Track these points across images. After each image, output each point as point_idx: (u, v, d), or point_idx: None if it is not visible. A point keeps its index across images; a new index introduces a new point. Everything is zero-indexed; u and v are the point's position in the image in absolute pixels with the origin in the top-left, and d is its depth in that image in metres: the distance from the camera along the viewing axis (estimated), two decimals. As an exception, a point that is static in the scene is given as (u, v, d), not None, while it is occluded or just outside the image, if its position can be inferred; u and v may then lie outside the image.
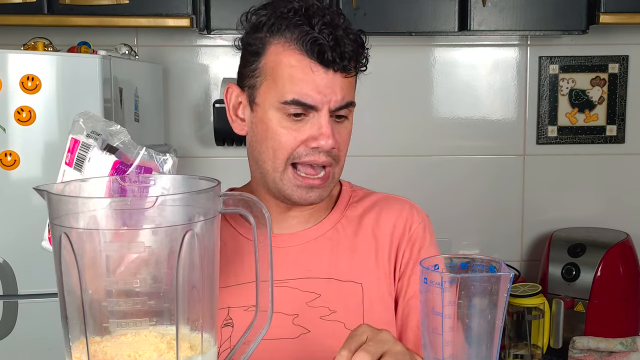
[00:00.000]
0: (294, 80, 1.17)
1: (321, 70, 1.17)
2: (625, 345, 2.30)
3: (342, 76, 1.18)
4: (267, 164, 1.22)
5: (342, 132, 1.22)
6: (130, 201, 0.76)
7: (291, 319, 1.23)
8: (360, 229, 1.29)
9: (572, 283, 2.43)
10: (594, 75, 2.70)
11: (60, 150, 1.96)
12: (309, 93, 1.17)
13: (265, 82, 1.20)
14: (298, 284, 1.24)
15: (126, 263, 0.95)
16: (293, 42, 1.17)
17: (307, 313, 1.23)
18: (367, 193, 1.36)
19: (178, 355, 0.76)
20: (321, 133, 1.18)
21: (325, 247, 1.27)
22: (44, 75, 1.93)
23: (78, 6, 2.25)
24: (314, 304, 1.24)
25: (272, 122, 1.19)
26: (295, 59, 1.17)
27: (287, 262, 1.26)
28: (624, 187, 2.74)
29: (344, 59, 1.17)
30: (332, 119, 1.20)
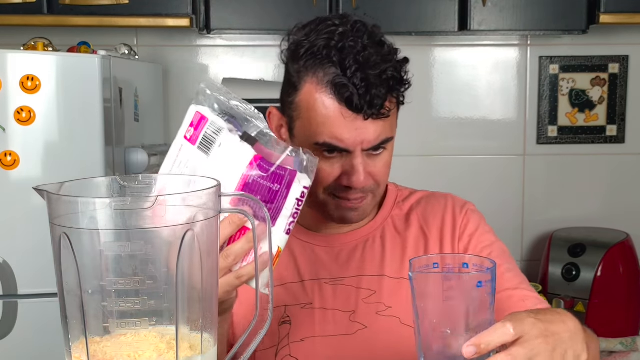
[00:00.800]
0: (325, 124, 1.16)
1: (352, 115, 1.15)
2: (625, 345, 2.30)
3: (375, 119, 1.16)
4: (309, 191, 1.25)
5: (378, 164, 1.22)
6: (130, 201, 0.76)
7: (348, 315, 1.25)
8: (409, 226, 1.32)
9: (572, 283, 2.43)
10: (594, 75, 2.70)
11: (60, 150, 1.98)
12: (340, 137, 1.16)
13: (300, 119, 1.20)
14: (353, 282, 1.27)
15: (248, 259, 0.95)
16: (325, 84, 1.15)
17: (363, 309, 1.25)
18: (412, 192, 1.38)
19: (178, 355, 0.76)
20: (353, 173, 1.18)
21: (376, 245, 1.30)
22: (44, 75, 1.93)
23: (78, 6, 2.25)
24: (369, 300, 1.26)
25: None
26: (327, 102, 1.15)
27: (340, 261, 1.29)
28: (624, 187, 2.75)
29: (374, 107, 1.14)
30: (367, 152, 1.19)
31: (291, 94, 1.21)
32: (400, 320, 1.24)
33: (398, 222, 1.33)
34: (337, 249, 1.30)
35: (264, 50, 2.66)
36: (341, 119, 1.15)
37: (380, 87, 1.14)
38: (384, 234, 1.31)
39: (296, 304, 1.26)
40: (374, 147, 1.19)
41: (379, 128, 1.17)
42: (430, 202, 1.35)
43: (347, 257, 1.29)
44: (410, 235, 1.31)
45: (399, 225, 1.32)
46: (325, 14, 2.31)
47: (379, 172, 1.22)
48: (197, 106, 0.96)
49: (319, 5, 2.30)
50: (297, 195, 0.93)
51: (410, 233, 1.31)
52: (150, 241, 0.75)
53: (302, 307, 1.26)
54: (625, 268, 2.44)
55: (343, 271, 1.28)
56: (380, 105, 1.15)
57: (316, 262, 1.29)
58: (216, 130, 0.94)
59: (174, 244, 0.75)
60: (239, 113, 0.95)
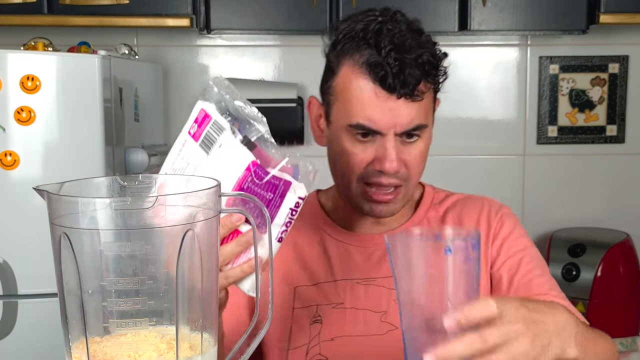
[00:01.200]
0: (359, 104, 1.17)
1: (385, 95, 1.16)
2: (625, 345, 2.30)
3: (409, 101, 1.17)
4: (343, 180, 1.25)
5: (412, 152, 1.21)
6: (130, 201, 0.76)
7: (379, 316, 1.26)
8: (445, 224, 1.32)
9: (572, 283, 2.43)
10: (594, 75, 2.70)
11: (60, 150, 1.98)
12: (373, 118, 1.17)
13: (337, 102, 1.22)
14: (384, 282, 1.27)
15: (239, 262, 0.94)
16: (360, 65, 1.17)
17: (394, 310, 1.24)
18: (448, 194, 1.37)
19: (178, 355, 0.76)
20: (385, 157, 1.18)
21: None
22: (44, 75, 1.93)
23: (78, 6, 2.25)
24: None
25: (342, 143, 1.21)
26: (362, 83, 1.17)
27: (373, 261, 1.29)
28: (624, 187, 2.75)
29: (407, 86, 1.15)
30: (401, 139, 1.19)
31: (329, 79, 1.23)
32: None
33: (434, 224, 1.32)
34: (371, 249, 1.30)
35: (264, 50, 2.66)
36: (375, 100, 1.16)
37: (415, 68, 1.15)
38: None
39: (328, 304, 1.26)
40: (407, 131, 1.18)
41: (413, 112, 1.17)
42: (466, 205, 1.34)
43: (380, 258, 1.29)
44: None
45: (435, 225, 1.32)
46: (325, 14, 2.31)
47: (412, 161, 1.21)
48: (203, 102, 0.96)
49: (319, 6, 2.30)
50: (291, 205, 0.93)
51: None
52: (150, 241, 0.75)
53: (334, 307, 1.26)
54: (625, 268, 2.44)
55: (375, 271, 1.28)
56: (414, 85, 1.15)
57: (349, 261, 1.29)
58: (218, 130, 0.94)
59: (174, 244, 0.75)
60: (242, 115, 0.94)
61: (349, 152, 1.20)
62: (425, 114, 1.21)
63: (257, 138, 0.94)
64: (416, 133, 1.20)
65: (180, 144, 0.99)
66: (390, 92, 1.15)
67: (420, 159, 1.24)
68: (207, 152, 0.94)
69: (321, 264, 1.29)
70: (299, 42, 2.60)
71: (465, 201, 1.35)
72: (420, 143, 1.22)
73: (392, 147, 1.18)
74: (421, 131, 1.21)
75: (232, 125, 0.93)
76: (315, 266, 1.28)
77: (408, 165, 1.21)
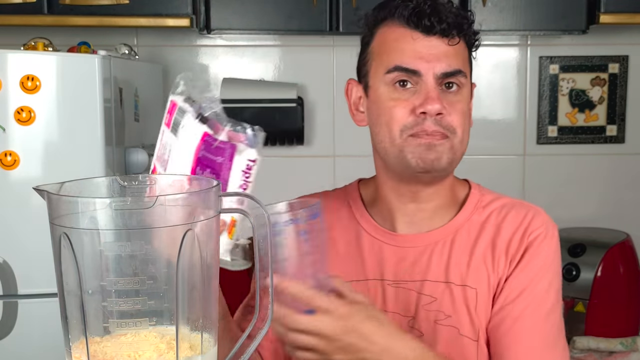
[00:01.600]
0: (396, 50, 1.19)
1: (421, 37, 1.18)
2: (625, 345, 2.30)
3: (445, 43, 1.18)
4: (385, 141, 1.22)
5: (454, 103, 1.20)
6: (130, 201, 0.76)
7: (407, 320, 1.23)
8: (482, 234, 1.26)
9: (572, 283, 2.43)
10: (594, 75, 2.70)
11: (60, 150, 1.97)
12: (410, 59, 1.18)
13: (374, 62, 1.22)
14: (415, 286, 1.24)
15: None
16: (395, 19, 1.20)
17: (423, 316, 1.23)
18: (496, 197, 1.32)
19: (178, 355, 0.76)
20: (427, 97, 1.17)
21: (445, 250, 1.25)
22: (44, 75, 1.93)
23: (78, 6, 2.25)
24: (430, 308, 1.23)
25: (383, 97, 1.20)
26: (398, 32, 1.19)
27: (406, 263, 1.25)
28: (624, 187, 2.75)
29: (443, 23, 1.17)
30: (441, 88, 1.19)
31: (364, 52, 1.25)
32: (459, 331, 1.21)
33: (473, 229, 1.27)
34: (405, 250, 1.26)
35: (264, 50, 2.66)
36: (411, 43, 1.18)
37: (448, 11, 1.18)
38: (455, 238, 1.26)
39: None
40: (447, 73, 1.18)
41: (451, 55, 1.19)
42: (510, 212, 1.28)
43: (414, 260, 1.25)
44: (481, 243, 1.25)
45: (473, 231, 1.27)
46: (325, 14, 2.31)
47: (455, 112, 1.20)
48: (172, 95, 1.09)
49: (319, 6, 2.30)
50: (243, 167, 0.99)
51: (482, 241, 1.26)
52: (150, 241, 0.75)
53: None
54: (625, 268, 2.44)
55: (407, 274, 1.25)
56: (450, 24, 1.18)
57: (382, 261, 1.26)
58: (182, 114, 1.04)
59: (174, 244, 0.75)
60: (200, 98, 1.06)
61: (390, 104, 1.19)
62: (462, 62, 1.21)
63: (211, 113, 1.03)
64: (455, 81, 1.20)
65: (160, 135, 1.09)
66: (427, 32, 1.18)
67: (463, 113, 1.22)
68: (176, 134, 1.04)
69: (354, 261, 1.26)
70: (299, 42, 2.60)
71: (511, 208, 1.29)
72: (460, 96, 1.21)
73: (433, 88, 1.18)
74: (460, 80, 1.20)
75: (193, 107, 1.04)
76: (348, 263, 1.26)
77: (452, 115, 1.20)
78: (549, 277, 1.25)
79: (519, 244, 1.24)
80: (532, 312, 1.21)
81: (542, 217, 1.28)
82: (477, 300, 1.22)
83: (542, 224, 1.27)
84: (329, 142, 2.70)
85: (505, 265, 1.24)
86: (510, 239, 1.25)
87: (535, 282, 1.23)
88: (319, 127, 2.69)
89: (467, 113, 1.23)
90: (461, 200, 1.31)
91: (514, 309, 1.21)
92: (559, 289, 1.27)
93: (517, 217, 1.27)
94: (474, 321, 1.22)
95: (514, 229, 1.25)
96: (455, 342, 1.21)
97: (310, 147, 2.68)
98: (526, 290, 1.22)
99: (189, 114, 1.03)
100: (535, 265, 1.24)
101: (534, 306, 1.22)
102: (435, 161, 1.20)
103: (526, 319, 1.21)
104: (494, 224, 1.27)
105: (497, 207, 1.29)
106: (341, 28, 2.32)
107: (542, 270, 1.24)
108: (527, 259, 1.23)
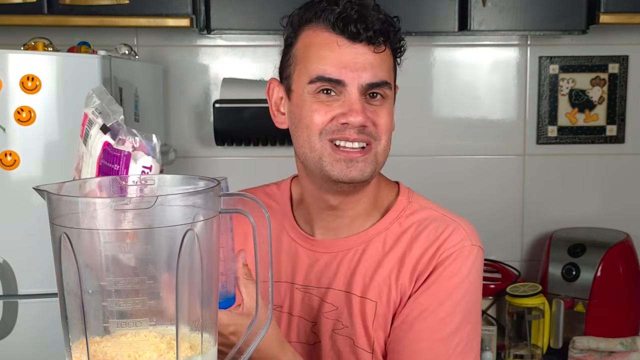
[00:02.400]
0: (320, 57, 1.15)
1: (347, 43, 1.14)
2: (625, 345, 2.30)
3: (371, 51, 1.14)
4: (305, 146, 1.19)
5: (377, 111, 1.16)
6: (130, 201, 0.76)
7: (310, 326, 1.24)
8: (395, 247, 1.22)
9: (572, 283, 2.43)
10: (594, 75, 2.70)
11: (60, 150, 1.97)
12: (334, 68, 1.14)
13: (297, 67, 1.19)
14: (320, 293, 1.23)
15: None
16: (320, 22, 1.16)
17: (323, 323, 1.22)
18: (422, 207, 1.26)
19: (178, 355, 0.76)
20: (350, 109, 1.14)
21: (355, 260, 1.23)
22: (44, 75, 1.93)
23: (78, 6, 2.25)
24: (329, 316, 1.22)
25: (306, 104, 1.17)
26: (323, 37, 1.15)
27: (317, 268, 1.25)
28: (624, 187, 2.74)
29: (369, 30, 1.13)
30: (365, 97, 1.16)
31: (287, 53, 1.22)
32: (354, 342, 1.20)
33: (388, 239, 1.23)
34: (318, 255, 1.25)
35: (264, 50, 2.66)
36: (337, 50, 1.14)
37: (375, 18, 1.15)
38: (367, 248, 1.23)
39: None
40: (372, 84, 1.14)
41: (377, 64, 1.15)
42: (429, 227, 1.22)
43: (324, 266, 1.24)
44: (391, 257, 1.22)
45: (387, 242, 1.23)
46: (325, 14, 2.30)
47: (379, 121, 1.16)
48: (85, 108, 1.14)
49: (319, 5, 2.30)
50: (138, 173, 1.01)
51: (393, 255, 1.22)
52: (150, 241, 0.75)
53: (273, 309, 1.24)
54: (625, 268, 2.43)
55: (315, 280, 1.24)
56: (376, 31, 1.14)
57: (296, 264, 1.25)
58: (90, 124, 1.09)
59: (174, 244, 0.75)
60: (105, 109, 1.09)
61: (313, 109, 1.16)
62: (388, 72, 1.18)
63: (113, 124, 1.06)
64: (380, 92, 1.16)
65: (77, 146, 1.14)
66: (353, 39, 1.13)
67: (387, 122, 1.18)
68: (86, 145, 1.09)
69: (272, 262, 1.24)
70: (299, 42, 2.60)
71: (432, 222, 1.23)
72: (386, 105, 1.18)
73: (357, 99, 1.14)
74: (384, 91, 1.17)
75: (98, 119, 1.09)
76: (266, 263, 1.26)
77: (376, 124, 1.16)
78: (455, 299, 1.18)
79: (427, 262, 1.19)
80: (430, 334, 1.16)
81: (460, 235, 1.21)
82: (375, 313, 1.19)
83: (458, 242, 1.20)
84: (329, 142, 2.70)
85: (410, 283, 1.19)
86: (420, 255, 1.20)
87: (438, 303, 1.17)
88: (319, 127, 2.69)
89: (390, 121, 1.19)
90: (385, 207, 1.26)
91: (412, 328, 1.17)
92: (472, 311, 1.20)
93: (433, 233, 1.21)
94: (370, 334, 1.19)
95: (427, 245, 1.20)
96: (351, 352, 1.20)
97: (310, 147, 2.68)
98: (427, 310, 1.17)
99: (95, 125, 1.08)
100: (441, 285, 1.18)
101: (434, 328, 1.16)
102: (355, 175, 1.17)
103: (422, 340, 1.16)
104: (408, 238, 1.21)
105: (419, 219, 1.24)
106: (341, 28, 2.32)
107: (448, 291, 1.18)
108: (434, 278, 1.18)
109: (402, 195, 1.28)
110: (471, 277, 1.19)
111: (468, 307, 1.19)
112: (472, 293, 1.20)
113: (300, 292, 1.25)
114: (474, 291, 1.20)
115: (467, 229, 1.23)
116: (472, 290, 1.20)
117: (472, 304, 1.20)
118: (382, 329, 1.20)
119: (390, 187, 1.29)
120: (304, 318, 1.23)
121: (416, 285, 1.19)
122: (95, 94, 1.13)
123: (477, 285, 1.21)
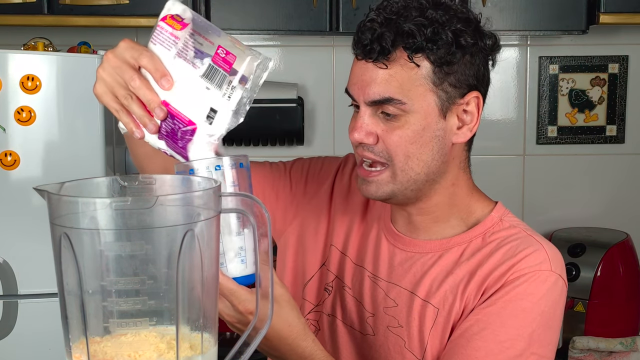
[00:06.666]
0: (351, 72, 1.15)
1: (361, 58, 1.11)
2: (625, 345, 2.30)
3: (377, 67, 1.09)
4: None
5: (389, 131, 1.11)
6: (130, 201, 0.76)
7: (368, 315, 1.22)
8: (471, 259, 1.16)
9: (572, 283, 2.43)
10: (594, 75, 2.70)
11: (60, 150, 1.98)
12: (349, 83, 1.14)
13: None
14: (385, 286, 1.22)
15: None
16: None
17: (380, 317, 1.21)
18: (510, 226, 1.21)
19: (178, 355, 0.76)
20: (352, 126, 1.13)
21: (429, 263, 1.19)
22: (44, 75, 1.93)
23: (78, 6, 2.25)
24: (388, 312, 1.20)
25: None
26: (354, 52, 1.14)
27: (392, 263, 1.22)
28: (624, 187, 2.75)
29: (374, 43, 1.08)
30: (379, 114, 1.11)
31: None
32: (405, 344, 1.18)
33: (468, 251, 1.18)
34: (397, 251, 1.23)
35: (264, 50, 2.66)
36: (355, 63, 1.13)
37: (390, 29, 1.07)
38: (444, 255, 1.19)
39: (341, 279, 1.25)
40: (373, 101, 1.10)
41: (382, 80, 1.08)
42: (509, 244, 1.16)
43: (398, 262, 1.22)
44: (464, 268, 1.16)
45: (467, 254, 1.17)
46: (325, 14, 2.31)
47: (389, 141, 1.11)
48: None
49: (319, 6, 2.30)
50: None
51: (466, 266, 1.16)
52: (150, 241, 0.75)
53: (343, 287, 1.24)
54: (625, 268, 2.44)
55: (385, 272, 1.22)
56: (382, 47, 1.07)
57: (375, 253, 1.24)
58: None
59: (174, 244, 0.75)
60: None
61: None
62: (399, 88, 1.09)
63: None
64: (390, 110, 1.10)
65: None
66: (365, 55, 1.10)
67: (400, 142, 1.11)
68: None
69: (360, 242, 1.26)
70: (299, 42, 2.60)
71: (514, 240, 1.17)
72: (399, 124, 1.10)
73: (362, 114, 1.11)
74: (391, 109, 1.10)
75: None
76: (354, 240, 1.27)
77: (386, 143, 1.11)
78: (521, 323, 1.10)
79: (498, 277, 1.12)
80: (485, 354, 1.09)
81: (539, 257, 1.14)
82: (435, 321, 1.16)
83: (536, 264, 1.13)
84: (328, 142, 2.70)
85: (476, 296, 1.13)
86: (492, 269, 1.13)
87: (500, 323, 1.10)
88: (318, 128, 2.69)
89: (404, 140, 1.11)
90: (474, 221, 1.22)
91: (469, 344, 1.10)
92: (541, 343, 1.11)
93: (512, 250, 1.15)
94: (424, 339, 1.16)
95: (502, 261, 1.14)
96: (400, 354, 1.17)
97: (310, 147, 2.68)
98: (487, 329, 1.10)
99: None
100: (507, 305, 1.10)
101: (491, 349, 1.09)
102: (368, 192, 1.15)
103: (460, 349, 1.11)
104: (487, 252, 1.16)
105: (503, 235, 1.18)
106: (341, 28, 2.31)
107: (514, 313, 1.10)
108: (500, 296, 1.11)
109: (495, 212, 1.23)
110: (543, 305, 1.11)
111: (535, 336, 1.10)
112: (544, 323, 1.11)
113: (369, 280, 1.23)
114: (545, 322, 1.11)
115: (551, 254, 1.17)
116: (543, 320, 1.11)
117: (542, 335, 1.11)
118: (439, 338, 1.16)
119: (485, 204, 1.26)
120: (364, 307, 1.23)
121: (481, 299, 1.12)
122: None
123: (549, 316, 1.12)
